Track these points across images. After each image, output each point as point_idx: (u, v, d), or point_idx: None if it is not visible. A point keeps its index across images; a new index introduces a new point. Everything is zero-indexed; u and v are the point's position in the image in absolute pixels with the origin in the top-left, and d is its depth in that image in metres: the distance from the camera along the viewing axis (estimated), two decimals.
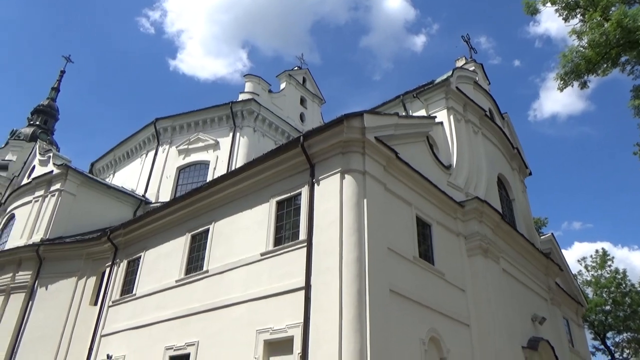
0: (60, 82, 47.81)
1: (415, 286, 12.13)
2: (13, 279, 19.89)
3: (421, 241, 13.28)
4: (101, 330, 16.74)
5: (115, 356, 15.22)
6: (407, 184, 13.35)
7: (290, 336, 10.71)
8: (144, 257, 16.88)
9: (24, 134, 41.46)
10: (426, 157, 15.30)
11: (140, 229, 17.44)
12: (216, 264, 13.76)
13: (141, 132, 29.45)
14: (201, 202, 15.34)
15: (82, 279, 19.06)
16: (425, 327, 11.85)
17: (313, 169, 12.26)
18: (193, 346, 12.87)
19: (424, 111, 18.65)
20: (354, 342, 9.54)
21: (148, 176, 27.20)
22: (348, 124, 11.61)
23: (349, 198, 11.24)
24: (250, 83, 28.89)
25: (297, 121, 30.81)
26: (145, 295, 15.74)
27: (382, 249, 11.20)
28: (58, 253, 19.74)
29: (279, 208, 12.99)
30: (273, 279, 11.87)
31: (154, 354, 13.87)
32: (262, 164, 13.54)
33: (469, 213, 15.41)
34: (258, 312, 11.71)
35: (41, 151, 24.92)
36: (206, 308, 13.14)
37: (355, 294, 10.05)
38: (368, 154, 11.91)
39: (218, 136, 26.87)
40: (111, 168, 32.19)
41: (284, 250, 12.07)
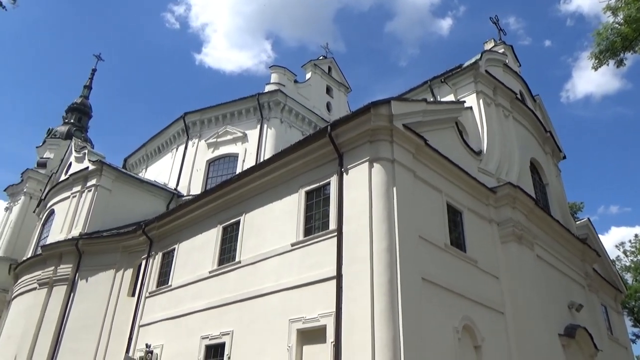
0: (92, 80, 48.93)
1: (448, 274, 12.02)
2: (55, 272, 20.68)
3: (452, 228, 13.12)
4: (139, 320, 17.25)
5: (153, 345, 15.67)
6: (437, 170, 13.19)
7: (322, 325, 10.79)
8: (177, 249, 17.26)
9: (60, 132, 42.72)
10: (456, 143, 15.06)
11: (173, 221, 17.83)
12: (248, 255, 13.95)
13: (171, 127, 29.97)
14: (231, 194, 15.54)
15: (119, 271, 19.66)
16: (459, 316, 11.74)
17: (341, 158, 12.24)
18: (228, 335, 13.13)
19: (452, 96, 18.33)
20: (386, 330, 9.54)
21: (179, 170, 27.73)
22: (375, 112, 11.52)
23: (378, 186, 11.18)
24: (275, 74, 28.96)
25: (323, 111, 30.77)
26: (180, 286, 16.12)
27: (413, 237, 11.13)
28: (96, 246, 20.39)
29: (308, 198, 13.04)
30: (304, 268, 11.97)
31: (191, 343, 14.22)
32: (290, 154, 13.60)
33: (501, 199, 15.12)
34: (290, 302, 11.84)
35: (76, 148, 25.69)
36: (240, 298, 13.37)
37: (387, 282, 10.03)
38: (396, 142, 11.80)
39: (246, 128, 27.11)
40: (143, 163, 32.94)
41: (314, 240, 12.13)
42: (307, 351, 11.14)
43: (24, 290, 22.34)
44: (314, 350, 10.96)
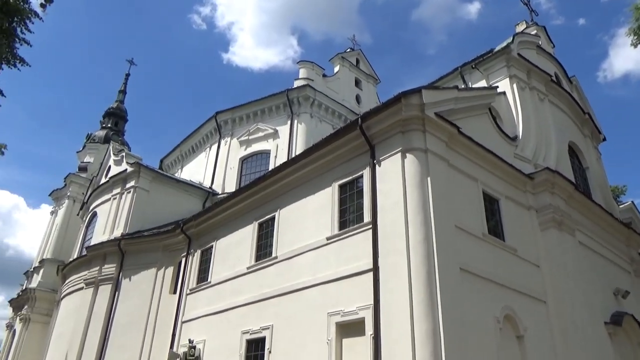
0: (126, 84, 50.34)
1: (487, 264, 11.83)
2: (100, 271, 21.46)
3: (489, 217, 12.88)
4: (182, 317, 17.74)
5: (196, 341, 16.09)
6: (472, 158, 12.96)
7: (361, 318, 10.82)
8: (215, 246, 17.62)
9: (98, 136, 44.14)
10: (490, 130, 14.76)
11: (210, 219, 18.19)
12: (284, 250, 14.11)
13: (203, 127, 30.52)
14: (265, 191, 15.73)
15: (160, 270, 20.22)
16: (500, 305, 11.56)
17: (373, 150, 12.19)
18: (268, 330, 13.35)
19: (484, 82, 17.95)
20: (425, 322, 9.49)
21: (213, 168, 28.24)
22: (406, 102, 11.41)
23: (412, 177, 11.08)
24: (304, 69, 29.04)
25: (353, 103, 30.68)
26: (219, 282, 16.46)
27: (449, 227, 11.00)
28: (137, 246, 21.03)
29: (342, 191, 13.06)
30: (340, 262, 12.01)
31: (232, 338, 14.52)
32: (321, 148, 13.64)
33: (539, 185, 14.74)
34: (328, 295, 11.92)
35: (114, 152, 26.50)
36: (278, 293, 13.55)
37: (425, 274, 9.96)
38: (429, 131, 11.66)
39: (276, 125, 27.33)
40: (179, 163, 33.70)
41: (349, 234, 12.15)
42: (346, 344, 11.21)
43: (72, 290, 23.30)
44: (353, 343, 11.01)
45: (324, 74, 29.94)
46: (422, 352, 9.22)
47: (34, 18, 8.82)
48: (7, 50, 8.31)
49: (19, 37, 8.79)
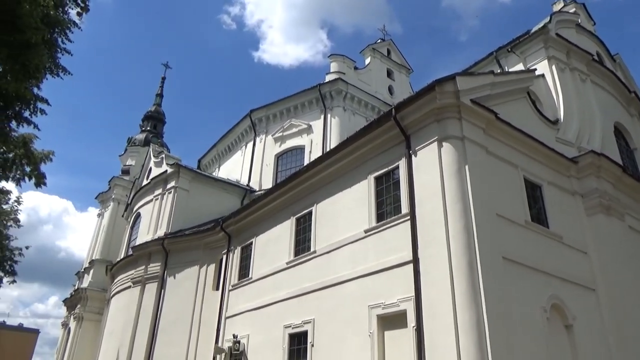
0: (162, 88, 51.62)
1: (531, 252, 11.50)
2: (146, 270, 22.18)
3: (532, 204, 12.51)
4: (225, 312, 18.12)
5: (240, 335, 16.41)
6: (511, 145, 12.61)
7: (402, 310, 10.76)
8: (255, 242, 17.87)
9: (139, 140, 45.47)
10: (529, 114, 14.31)
11: (248, 216, 18.47)
12: (322, 244, 14.17)
13: (238, 126, 30.95)
14: (301, 186, 15.82)
15: (203, 267, 20.70)
16: (546, 294, 11.23)
17: (408, 140, 12.04)
18: (309, 323, 13.46)
19: (521, 65, 17.40)
20: (469, 312, 9.33)
21: (249, 166, 28.62)
22: (440, 90, 11.20)
23: (449, 166, 10.89)
24: (335, 63, 28.95)
25: (386, 95, 30.37)
26: (260, 278, 16.71)
27: (490, 216, 10.75)
28: (180, 245, 21.60)
29: (378, 184, 12.98)
30: (379, 254, 11.96)
31: (275, 332, 14.73)
32: (356, 141, 13.58)
33: (584, 169, 14.20)
34: (368, 288, 11.90)
35: (154, 154, 27.25)
36: (318, 287, 13.63)
37: (466, 263, 9.79)
38: (465, 118, 11.42)
39: (310, 120, 27.40)
40: (216, 162, 34.33)
41: (387, 226, 12.07)
42: (388, 336, 11.18)
43: (121, 289, 24.19)
44: (395, 335, 10.97)
45: (356, 66, 29.76)
46: (467, 342, 9.08)
47: (73, 28, 9.15)
48: (50, 60, 8.66)
49: (60, 47, 9.15)
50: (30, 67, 7.69)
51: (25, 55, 7.54)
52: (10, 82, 7.86)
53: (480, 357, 8.94)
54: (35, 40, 7.43)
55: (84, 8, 8.72)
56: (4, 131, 9.83)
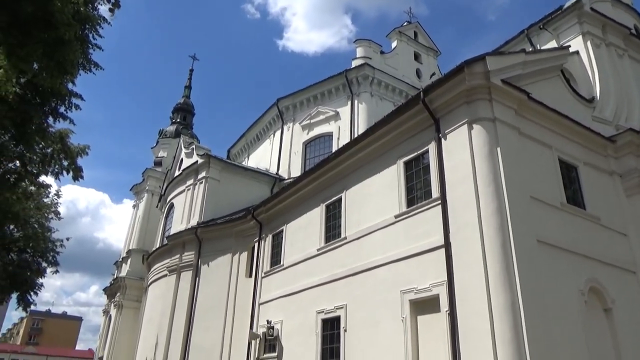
0: (190, 80, 52.28)
1: (567, 234, 11.23)
2: (181, 259, 22.75)
3: (567, 185, 12.19)
4: (258, 299, 18.43)
5: (273, 321, 16.70)
6: (545, 125, 12.27)
7: (435, 295, 10.71)
8: (285, 230, 18.06)
9: (169, 131, 46.31)
10: (563, 93, 13.86)
11: (278, 204, 18.65)
12: (353, 230, 14.19)
13: (266, 115, 31.14)
14: (330, 173, 15.84)
15: (235, 255, 21.08)
16: (583, 277, 10.98)
17: (438, 123, 11.87)
18: (342, 309, 13.56)
19: (554, 43, 16.85)
20: (503, 296, 9.22)
21: (278, 154, 28.81)
22: (469, 71, 10.96)
23: (480, 148, 10.69)
24: (361, 48, 28.66)
25: (413, 78, 29.93)
26: (292, 265, 16.90)
27: (523, 198, 10.54)
28: (212, 233, 22.02)
29: (407, 168, 12.88)
30: (410, 239, 11.90)
31: (308, 317, 14.92)
32: (384, 126, 13.48)
33: (622, 148, 13.70)
34: (400, 273, 11.88)
35: (185, 145, 27.74)
36: (349, 273, 13.69)
37: (500, 247, 9.65)
38: (496, 99, 11.16)
39: (337, 106, 27.29)
40: (245, 151, 34.70)
41: (418, 210, 11.99)
42: (421, 321, 11.17)
43: (157, 277, 24.91)
44: (428, 320, 10.95)
45: (382, 50, 29.38)
46: (501, 326, 8.99)
47: (103, 23, 9.36)
48: (83, 56, 8.88)
49: (91, 42, 9.37)
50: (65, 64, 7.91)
51: (59, 52, 7.76)
52: (46, 78, 8.12)
53: (516, 341, 8.84)
54: (69, 37, 7.63)
55: (116, 4, 8.89)
56: (42, 127, 10.19)
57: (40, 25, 7.52)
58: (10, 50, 7.44)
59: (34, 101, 9.75)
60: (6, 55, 7.39)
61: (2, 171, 12.21)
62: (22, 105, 9.37)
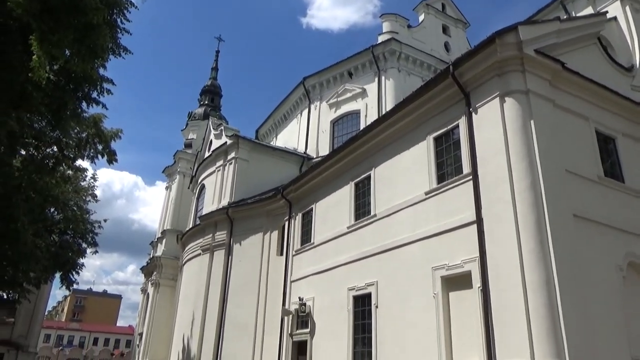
0: (217, 61, 52.54)
1: (604, 208, 10.92)
2: (213, 238, 23.25)
3: (605, 158, 11.79)
4: (290, 276, 18.73)
5: (305, 298, 16.96)
6: (580, 96, 11.83)
7: (467, 271, 10.64)
8: (315, 208, 18.16)
9: (198, 114, 46.88)
10: (600, 62, 13.29)
11: (307, 183, 18.73)
12: (383, 208, 14.16)
13: (293, 94, 31.06)
14: (359, 150, 15.76)
15: (266, 234, 21.39)
16: (622, 252, 10.69)
17: (468, 97, 11.59)
18: (373, 286, 13.65)
19: (590, 9, 16.12)
20: (537, 272, 9.07)
21: (306, 134, 28.79)
22: (501, 42, 10.61)
23: (513, 121, 10.40)
24: (387, 22, 28.07)
25: (442, 52, 29.21)
26: (322, 243, 17.04)
27: (558, 172, 10.25)
28: (243, 213, 22.36)
29: (437, 144, 12.69)
30: (441, 216, 11.80)
31: (339, 294, 15.08)
32: (413, 102, 13.27)
33: None
34: (431, 250, 11.83)
35: (214, 126, 28.04)
36: (380, 250, 13.72)
37: (534, 222, 9.46)
38: (529, 71, 10.79)
39: (364, 83, 26.96)
40: (273, 131, 34.83)
41: (448, 187, 11.84)
42: (453, 297, 11.14)
43: (191, 257, 25.57)
44: (461, 296, 10.91)
45: (409, 24, 28.70)
46: (536, 302, 8.88)
47: (131, 8, 9.46)
48: (112, 40, 9.03)
49: (119, 27, 9.50)
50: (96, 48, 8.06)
51: (89, 37, 7.91)
52: (78, 64, 8.29)
53: (551, 317, 8.73)
54: (97, 21, 7.75)
55: None
56: (76, 112, 10.48)
57: (69, 11, 7.66)
58: (42, 36, 7.61)
59: (68, 87, 10.01)
60: (39, 42, 7.56)
61: (41, 156, 12.66)
62: (57, 92, 9.64)
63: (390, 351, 12.42)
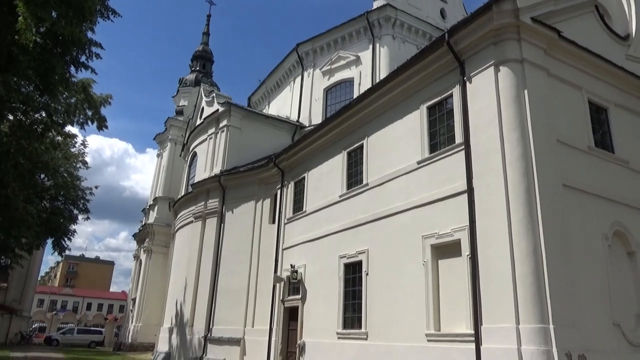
0: (208, 26, 51.43)
1: (593, 178, 11.03)
2: (206, 206, 23.30)
3: (596, 128, 11.83)
4: (282, 244, 18.90)
5: (297, 265, 17.18)
6: (575, 65, 11.76)
7: (457, 239, 10.79)
8: (307, 177, 18.19)
9: (189, 80, 46.19)
10: (596, 30, 13.17)
11: (300, 152, 18.69)
12: (375, 177, 14.20)
13: (286, 61, 30.58)
14: (352, 119, 15.68)
15: (259, 202, 21.46)
16: (608, 221, 10.86)
17: (463, 66, 11.49)
18: (364, 254, 13.83)
19: None
20: (525, 240, 9.23)
21: (299, 101, 28.53)
22: (498, 9, 10.44)
23: (507, 91, 10.36)
24: None
25: (438, 19, 28.75)
26: (314, 211, 17.14)
27: (550, 142, 10.29)
28: (236, 181, 22.37)
29: (431, 113, 12.64)
30: (433, 185, 11.87)
31: (330, 261, 15.29)
32: (407, 70, 13.13)
33: None
34: (422, 219, 11.95)
35: (205, 93, 27.68)
36: (371, 218, 13.84)
37: (524, 192, 9.55)
38: (524, 39, 10.67)
39: (358, 51, 26.58)
40: (266, 99, 34.45)
41: (441, 156, 11.86)
42: (442, 265, 11.32)
43: (184, 224, 25.67)
44: (449, 264, 11.09)
45: None
46: (523, 270, 9.06)
47: None
48: (99, 2, 8.77)
49: None
50: (83, 10, 7.84)
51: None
52: (65, 26, 8.08)
53: (537, 284, 8.92)
54: None
55: None
56: (65, 77, 10.27)
57: None
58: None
59: (55, 51, 9.78)
60: (24, 3, 7.33)
61: (29, 122, 12.46)
62: (44, 55, 9.41)
63: (379, 317, 12.70)
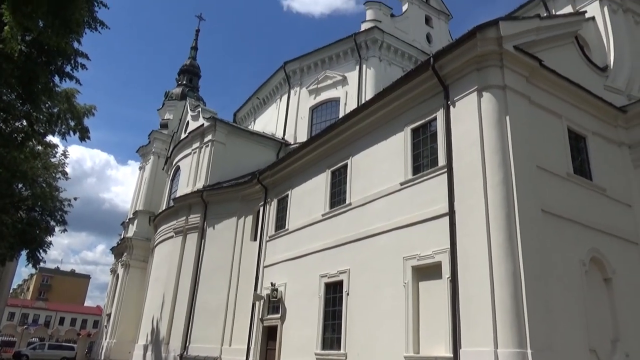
0: (197, 41, 51.53)
1: (572, 205, 11.23)
2: (187, 221, 23.03)
3: (575, 156, 12.10)
4: (263, 262, 18.72)
5: (277, 284, 17.00)
6: (555, 93, 12.07)
7: (437, 262, 10.83)
8: (291, 195, 18.15)
9: (175, 94, 46.01)
10: (576, 61, 13.58)
11: (284, 169, 18.68)
12: (358, 197, 14.24)
13: (273, 78, 30.76)
14: (337, 138, 15.77)
15: (240, 218, 21.30)
16: (585, 247, 11.04)
17: (447, 90, 11.70)
18: (345, 273, 13.77)
19: (570, 8, 16.36)
20: (505, 264, 9.31)
21: (284, 119, 28.61)
22: (482, 36, 10.71)
23: (489, 116, 10.56)
24: (371, 10, 27.97)
25: (423, 43, 29.34)
26: (296, 229, 17.07)
27: (530, 168, 10.48)
28: (218, 197, 22.20)
29: (415, 136, 12.79)
30: (415, 207, 11.94)
31: (311, 281, 15.18)
32: (392, 92, 13.31)
33: (633, 118, 13.50)
34: (403, 240, 11.99)
35: (191, 107, 27.62)
36: (353, 238, 13.83)
37: (504, 216, 9.67)
38: (507, 66, 10.94)
39: (345, 71, 26.89)
40: (251, 115, 34.49)
41: (423, 178, 11.98)
42: (423, 287, 11.33)
43: (164, 239, 25.30)
44: (430, 286, 11.11)
45: (392, 13, 28.67)
46: (502, 293, 9.12)
47: None
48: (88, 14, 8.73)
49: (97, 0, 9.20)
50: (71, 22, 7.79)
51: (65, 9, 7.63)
52: (52, 37, 8.01)
53: (516, 308, 8.98)
54: None
55: None
56: (48, 86, 10.13)
57: None
58: (15, 6, 7.31)
59: (40, 60, 9.67)
60: (11, 12, 7.27)
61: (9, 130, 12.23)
62: (28, 64, 9.30)
63: (359, 338, 12.60)
